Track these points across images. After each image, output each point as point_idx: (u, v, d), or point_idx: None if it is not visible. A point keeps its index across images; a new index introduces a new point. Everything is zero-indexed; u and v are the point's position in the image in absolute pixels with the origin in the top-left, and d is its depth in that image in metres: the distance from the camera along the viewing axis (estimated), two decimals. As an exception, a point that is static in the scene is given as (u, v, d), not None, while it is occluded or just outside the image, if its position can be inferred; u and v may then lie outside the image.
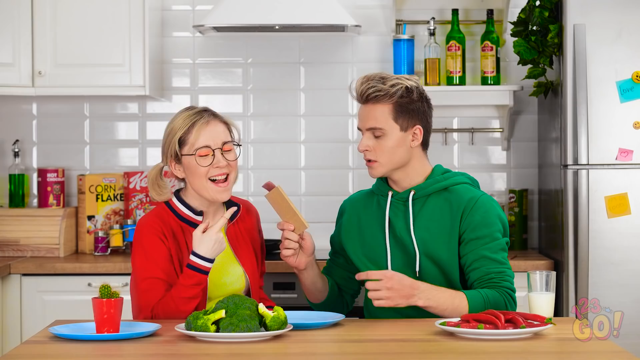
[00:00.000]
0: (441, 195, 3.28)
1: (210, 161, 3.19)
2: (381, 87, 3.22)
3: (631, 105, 4.19)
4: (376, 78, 3.25)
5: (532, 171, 4.91)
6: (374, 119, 3.23)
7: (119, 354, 2.68)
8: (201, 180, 3.19)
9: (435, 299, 3.13)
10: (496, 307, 3.15)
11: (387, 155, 3.24)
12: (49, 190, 4.74)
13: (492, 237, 3.24)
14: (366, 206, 3.37)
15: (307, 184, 4.93)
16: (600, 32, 4.18)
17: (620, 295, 4.16)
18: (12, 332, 4.33)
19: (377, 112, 3.23)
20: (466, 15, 4.89)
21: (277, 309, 2.84)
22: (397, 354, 2.68)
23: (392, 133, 3.23)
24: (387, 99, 3.22)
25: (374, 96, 3.22)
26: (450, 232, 3.24)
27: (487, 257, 3.21)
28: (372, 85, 3.23)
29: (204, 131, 3.20)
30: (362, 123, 3.27)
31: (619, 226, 4.19)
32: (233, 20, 4.46)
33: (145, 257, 3.17)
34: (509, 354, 2.64)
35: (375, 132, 3.23)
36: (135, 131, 4.94)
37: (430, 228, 3.25)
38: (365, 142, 3.25)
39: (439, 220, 3.26)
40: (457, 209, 3.25)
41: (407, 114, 3.24)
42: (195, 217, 3.25)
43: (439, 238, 3.24)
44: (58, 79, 4.56)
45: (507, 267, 3.24)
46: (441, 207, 3.27)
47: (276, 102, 4.93)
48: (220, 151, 3.20)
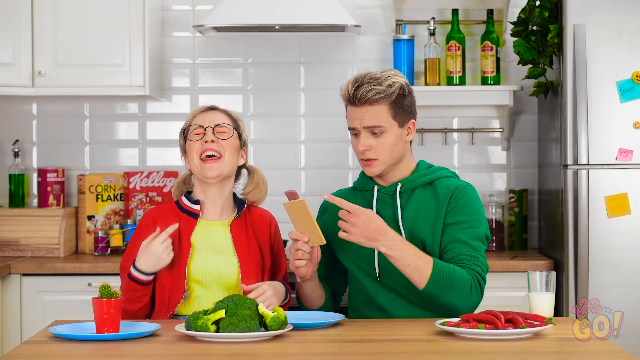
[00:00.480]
0: (427, 188, 3.29)
1: (200, 138, 3.30)
2: (379, 89, 3.21)
3: (631, 105, 4.19)
4: (367, 79, 3.22)
5: (532, 171, 4.91)
6: (374, 118, 3.22)
7: (119, 354, 2.68)
8: (194, 159, 3.31)
9: (399, 251, 3.09)
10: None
11: (388, 153, 3.24)
12: (49, 190, 4.74)
13: (469, 224, 3.22)
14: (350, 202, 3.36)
15: (307, 184, 4.93)
16: (600, 32, 4.18)
17: (620, 295, 4.16)
18: (12, 332, 4.33)
19: (375, 112, 3.22)
20: (466, 15, 4.89)
21: (277, 309, 2.84)
22: (397, 354, 2.68)
23: (391, 130, 3.23)
24: (385, 100, 3.22)
25: (374, 98, 3.20)
26: (435, 220, 3.24)
27: (462, 241, 3.20)
28: (370, 88, 3.20)
29: (200, 115, 3.35)
30: (358, 123, 3.24)
31: (619, 226, 4.19)
32: (233, 20, 4.46)
33: (129, 248, 3.32)
34: (509, 354, 2.64)
35: (375, 130, 3.22)
36: (135, 131, 4.94)
37: (417, 219, 3.25)
38: (365, 141, 3.23)
39: (425, 210, 3.26)
40: (443, 197, 3.26)
41: (402, 110, 3.24)
42: (192, 205, 3.34)
43: (425, 227, 3.24)
44: (58, 79, 4.57)
45: (482, 255, 3.20)
46: (427, 199, 3.27)
47: (276, 102, 4.93)
48: (211, 130, 3.30)
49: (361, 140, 3.24)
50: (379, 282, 3.28)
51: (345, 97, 3.26)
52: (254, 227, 3.38)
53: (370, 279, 3.29)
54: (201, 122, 3.32)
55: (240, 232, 3.34)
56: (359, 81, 3.23)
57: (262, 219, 3.42)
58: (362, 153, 3.25)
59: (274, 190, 4.91)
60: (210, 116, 3.34)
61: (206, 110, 3.36)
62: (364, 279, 3.31)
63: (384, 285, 3.27)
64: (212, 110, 3.37)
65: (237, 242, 3.32)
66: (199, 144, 3.30)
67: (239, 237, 3.33)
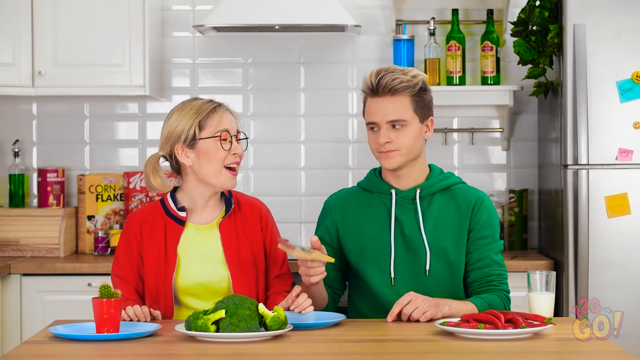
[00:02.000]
0: (444, 194, 3.28)
1: (229, 146, 3.23)
2: (404, 78, 3.18)
3: (631, 105, 4.19)
4: (391, 70, 3.21)
5: (532, 171, 4.91)
6: (396, 110, 3.19)
7: (119, 354, 2.68)
8: (217, 166, 3.22)
9: (456, 308, 3.14)
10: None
11: (409, 146, 3.21)
12: (49, 190, 4.74)
13: (493, 237, 3.29)
14: (361, 204, 3.34)
15: (307, 184, 4.93)
16: (600, 32, 4.18)
17: (620, 295, 4.16)
18: (12, 332, 4.33)
19: (398, 104, 3.19)
20: (466, 15, 4.89)
21: (277, 309, 2.84)
22: (397, 354, 2.68)
23: (413, 124, 3.20)
24: (409, 90, 3.19)
25: (398, 87, 3.17)
26: (459, 231, 3.25)
27: (490, 258, 3.27)
28: (394, 77, 3.17)
29: (226, 116, 3.26)
30: (380, 116, 3.20)
31: (619, 226, 4.19)
32: (233, 20, 4.46)
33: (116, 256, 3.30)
34: (509, 354, 2.64)
35: (396, 124, 3.19)
36: (135, 131, 4.94)
37: (438, 226, 3.25)
38: (386, 134, 3.19)
39: (446, 219, 3.26)
40: (465, 207, 3.26)
41: (423, 105, 3.22)
42: (178, 212, 3.27)
43: (447, 237, 3.24)
44: (58, 79, 4.56)
45: (505, 269, 3.32)
46: (447, 206, 3.27)
47: (276, 102, 4.93)
48: (235, 139, 3.25)
49: (382, 133, 3.19)
50: (393, 288, 3.26)
51: (368, 87, 3.22)
52: (244, 224, 3.32)
53: (383, 284, 3.27)
54: (229, 127, 3.24)
55: (230, 234, 3.28)
56: (382, 71, 3.20)
57: (252, 211, 3.34)
58: (382, 146, 3.20)
59: (274, 190, 4.93)
60: (230, 117, 3.26)
61: (225, 110, 3.27)
62: (375, 284, 3.28)
63: (397, 291, 3.25)
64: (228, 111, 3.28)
65: (227, 247, 3.26)
66: (226, 152, 3.22)
67: (229, 240, 3.27)
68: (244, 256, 3.28)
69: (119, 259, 3.27)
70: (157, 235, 3.26)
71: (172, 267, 3.22)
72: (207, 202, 3.31)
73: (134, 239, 3.26)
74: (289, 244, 3.05)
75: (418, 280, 3.24)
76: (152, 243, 3.25)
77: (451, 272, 3.26)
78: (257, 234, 3.33)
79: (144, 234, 3.26)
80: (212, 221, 3.31)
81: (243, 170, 4.90)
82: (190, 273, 3.23)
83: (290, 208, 4.88)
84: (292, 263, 4.24)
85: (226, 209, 3.31)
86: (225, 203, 3.33)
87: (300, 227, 4.87)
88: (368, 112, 3.24)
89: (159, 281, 3.22)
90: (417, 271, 3.25)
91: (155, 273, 3.23)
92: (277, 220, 3.46)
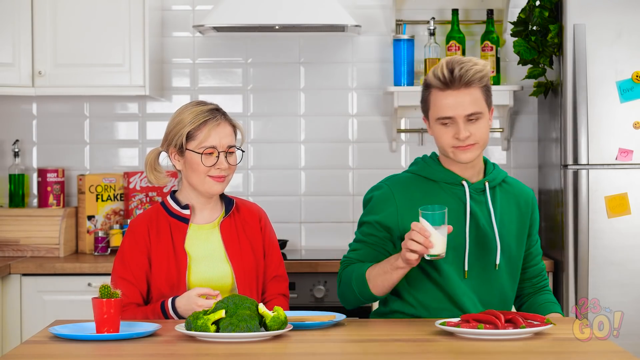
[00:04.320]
0: (502, 187, 3.26)
1: (213, 162, 3.24)
2: (478, 67, 3.10)
3: (631, 105, 4.19)
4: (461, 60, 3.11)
5: (532, 171, 4.91)
6: (474, 103, 3.10)
7: (119, 354, 2.68)
8: (200, 176, 3.26)
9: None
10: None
11: (485, 138, 3.15)
12: (49, 190, 4.74)
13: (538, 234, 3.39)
14: (427, 193, 3.19)
15: (307, 184, 4.93)
16: (600, 32, 4.18)
17: (620, 295, 4.16)
18: (12, 332, 4.33)
19: (474, 96, 3.10)
20: (466, 15, 4.89)
21: (277, 309, 2.84)
22: (397, 354, 2.68)
23: (485, 115, 3.14)
24: (481, 81, 3.11)
25: (473, 79, 3.09)
26: (521, 227, 3.26)
27: (540, 255, 3.38)
28: (469, 67, 3.08)
29: (214, 132, 3.24)
30: (459, 110, 3.09)
31: (619, 226, 4.19)
32: (233, 20, 4.46)
33: (122, 258, 3.28)
34: (509, 354, 2.64)
35: (472, 117, 3.11)
36: (135, 131, 4.94)
37: (504, 221, 3.22)
38: (466, 127, 3.09)
39: (508, 213, 3.24)
40: (525, 204, 3.28)
41: (490, 94, 3.17)
42: (182, 211, 3.30)
43: (511, 232, 3.23)
44: (58, 79, 4.56)
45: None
46: (507, 200, 3.25)
47: (276, 102, 4.93)
48: (224, 154, 3.24)
49: (462, 127, 3.09)
50: (465, 281, 3.17)
51: (441, 79, 3.10)
52: (244, 225, 3.35)
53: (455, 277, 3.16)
54: (216, 143, 3.23)
55: (231, 233, 3.31)
56: (452, 62, 3.10)
57: (251, 214, 3.38)
58: (462, 140, 3.10)
59: (274, 190, 4.93)
60: (220, 133, 3.24)
61: (218, 124, 3.25)
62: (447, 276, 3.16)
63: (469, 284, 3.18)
64: (223, 123, 3.26)
65: (229, 246, 3.30)
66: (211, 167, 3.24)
67: (230, 239, 3.31)
68: (245, 255, 3.30)
69: (126, 261, 3.27)
70: (164, 236, 3.28)
71: (184, 265, 3.25)
72: (206, 203, 3.33)
73: (143, 241, 3.27)
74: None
75: (488, 274, 3.19)
76: (160, 243, 3.27)
77: (511, 267, 3.22)
78: (257, 234, 3.36)
79: (151, 235, 3.28)
80: (213, 221, 3.34)
81: (243, 170, 4.90)
82: (200, 270, 3.26)
83: (290, 208, 4.88)
84: (289, 264, 4.25)
85: (226, 210, 3.34)
86: (225, 204, 3.36)
87: (300, 227, 4.87)
88: (440, 107, 3.12)
89: (171, 280, 3.24)
90: (487, 265, 3.18)
91: (167, 272, 3.24)
92: (277, 220, 3.47)
